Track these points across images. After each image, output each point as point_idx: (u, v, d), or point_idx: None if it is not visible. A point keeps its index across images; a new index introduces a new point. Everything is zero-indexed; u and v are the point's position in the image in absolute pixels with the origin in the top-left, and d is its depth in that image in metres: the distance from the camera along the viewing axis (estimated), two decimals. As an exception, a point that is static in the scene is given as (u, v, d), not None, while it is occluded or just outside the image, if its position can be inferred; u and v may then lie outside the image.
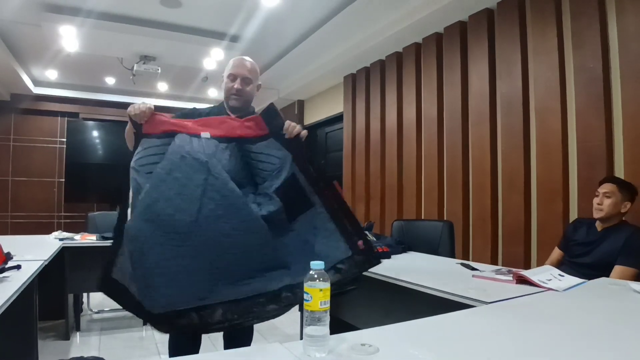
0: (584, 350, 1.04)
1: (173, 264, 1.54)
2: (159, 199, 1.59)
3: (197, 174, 1.61)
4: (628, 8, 2.75)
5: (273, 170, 1.73)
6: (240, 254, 1.58)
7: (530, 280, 1.79)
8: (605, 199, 2.45)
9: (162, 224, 1.57)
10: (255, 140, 1.78)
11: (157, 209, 1.58)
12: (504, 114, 3.52)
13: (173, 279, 1.53)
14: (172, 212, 1.57)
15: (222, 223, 1.58)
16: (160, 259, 1.54)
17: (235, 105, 2.04)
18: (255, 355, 1.00)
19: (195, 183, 1.60)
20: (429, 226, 3.30)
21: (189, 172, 1.61)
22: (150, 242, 1.56)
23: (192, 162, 1.63)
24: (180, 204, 1.58)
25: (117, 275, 1.64)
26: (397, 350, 1.01)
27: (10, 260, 1.99)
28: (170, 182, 1.61)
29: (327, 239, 1.66)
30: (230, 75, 2.04)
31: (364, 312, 2.39)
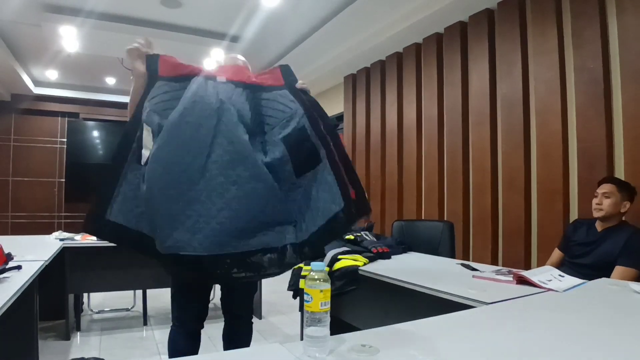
0: (584, 351, 1.04)
1: (181, 208, 1.53)
2: (170, 143, 1.57)
3: (209, 120, 1.59)
4: (628, 8, 2.75)
5: (283, 118, 1.72)
6: (247, 203, 1.56)
7: (531, 280, 1.79)
8: (604, 199, 2.46)
9: (173, 168, 1.56)
10: (270, 88, 1.77)
11: (169, 152, 1.57)
12: (504, 114, 3.52)
13: (181, 223, 1.52)
14: (182, 156, 1.56)
15: (229, 170, 1.56)
16: (169, 202, 1.54)
17: None
18: (256, 356, 1.00)
19: (206, 128, 1.58)
20: (429, 226, 3.30)
21: (201, 117, 1.59)
22: (160, 184, 1.55)
23: (204, 106, 1.61)
24: (190, 148, 1.57)
25: (116, 216, 1.60)
26: (398, 351, 1.01)
27: (11, 261, 2.00)
28: (183, 126, 1.59)
29: (325, 193, 1.63)
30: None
31: (364, 313, 2.39)
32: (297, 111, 1.71)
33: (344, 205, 1.56)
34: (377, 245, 2.70)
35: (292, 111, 1.71)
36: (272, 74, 1.81)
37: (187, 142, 1.58)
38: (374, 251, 2.63)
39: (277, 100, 1.75)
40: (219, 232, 1.52)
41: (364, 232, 2.94)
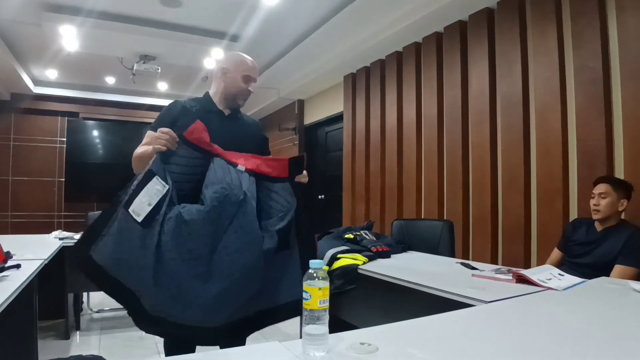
0: (584, 350, 1.04)
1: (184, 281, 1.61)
2: (196, 222, 1.63)
3: (232, 207, 1.68)
4: (628, 8, 2.75)
5: (281, 211, 1.81)
6: (247, 289, 1.69)
7: (530, 279, 1.79)
8: (601, 200, 2.46)
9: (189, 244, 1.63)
10: (275, 179, 1.85)
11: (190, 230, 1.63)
12: (504, 113, 3.52)
13: (185, 292, 1.61)
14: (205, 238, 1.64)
15: (237, 255, 1.65)
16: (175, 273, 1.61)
17: (242, 104, 2.12)
18: (255, 354, 1.00)
19: (227, 215, 1.67)
20: (429, 225, 3.30)
21: (225, 204, 1.67)
22: (170, 255, 1.60)
23: (232, 197, 1.69)
24: (213, 232, 1.65)
25: (97, 254, 1.66)
26: (396, 349, 1.01)
27: (10, 260, 2.00)
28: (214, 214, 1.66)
29: (290, 282, 1.79)
30: (248, 77, 2.08)
31: (364, 312, 2.39)
32: (292, 205, 1.83)
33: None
34: (376, 245, 2.70)
35: (289, 206, 1.82)
36: (280, 164, 1.87)
37: (209, 225, 1.65)
38: (374, 250, 2.63)
39: (278, 193, 1.84)
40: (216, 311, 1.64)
41: (363, 231, 2.94)
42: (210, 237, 1.64)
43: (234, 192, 1.69)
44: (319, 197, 6.72)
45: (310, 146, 7.15)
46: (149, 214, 1.64)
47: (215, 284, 1.62)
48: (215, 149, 1.80)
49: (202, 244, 1.63)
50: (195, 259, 1.62)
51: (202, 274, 1.62)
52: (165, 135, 1.71)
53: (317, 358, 0.94)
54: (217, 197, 1.66)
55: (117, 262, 1.64)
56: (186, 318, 1.61)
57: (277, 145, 7.78)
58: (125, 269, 1.64)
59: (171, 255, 1.60)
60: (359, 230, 2.99)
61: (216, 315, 1.63)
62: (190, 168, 1.76)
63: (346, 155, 5.70)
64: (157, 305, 1.62)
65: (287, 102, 7.36)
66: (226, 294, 1.63)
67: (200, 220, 1.63)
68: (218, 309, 1.63)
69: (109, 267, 1.65)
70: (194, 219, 1.62)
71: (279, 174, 1.86)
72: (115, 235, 1.66)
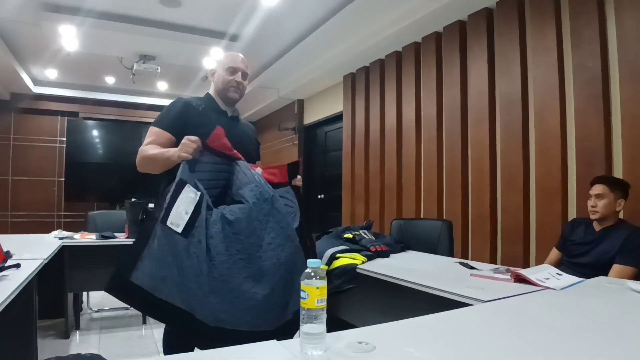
0: (581, 349, 1.04)
1: (237, 284, 1.64)
2: (241, 220, 1.69)
3: (266, 204, 1.76)
4: (627, 8, 2.75)
5: (292, 212, 1.88)
6: (291, 282, 1.72)
7: (528, 279, 1.79)
8: (598, 201, 2.47)
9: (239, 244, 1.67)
10: (277, 185, 1.92)
11: (237, 229, 1.68)
12: (503, 113, 3.52)
13: (235, 298, 1.63)
14: (252, 237, 1.69)
15: (279, 251, 1.72)
16: (230, 277, 1.64)
17: (235, 97, 2.10)
18: (253, 353, 1.00)
19: (264, 212, 1.74)
20: (428, 225, 3.31)
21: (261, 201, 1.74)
22: (221, 258, 1.64)
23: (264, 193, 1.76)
24: (258, 231, 1.71)
25: (140, 279, 1.62)
26: (394, 348, 1.02)
27: (10, 259, 2.00)
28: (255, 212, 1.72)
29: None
30: (231, 68, 2.08)
31: (363, 311, 2.39)
32: (297, 207, 1.93)
33: None
34: (375, 244, 2.70)
35: (296, 207, 1.92)
36: (280, 171, 1.96)
37: (253, 222, 1.71)
38: (373, 250, 2.63)
39: (284, 197, 1.91)
40: (269, 310, 1.68)
41: (362, 231, 2.94)
42: (255, 235, 1.69)
43: (265, 189, 1.77)
44: (318, 197, 6.73)
45: (310, 146, 7.15)
46: (188, 222, 1.64)
47: (265, 283, 1.67)
48: (235, 153, 1.85)
49: (249, 243, 1.68)
50: (245, 259, 1.66)
51: (253, 274, 1.66)
52: (192, 143, 1.74)
53: (314, 357, 0.94)
54: (253, 194, 1.73)
55: (163, 281, 1.61)
56: (243, 323, 1.62)
57: (277, 145, 7.79)
58: (172, 286, 1.61)
59: (222, 258, 1.63)
60: (358, 229, 3.00)
61: (267, 317, 1.66)
62: (215, 174, 1.81)
63: (345, 155, 5.71)
64: (216, 314, 1.60)
65: (287, 102, 7.37)
66: (274, 293, 1.68)
67: (245, 218, 1.69)
68: (268, 310, 1.66)
69: (155, 288, 1.61)
70: (239, 218, 1.68)
71: (280, 180, 1.94)
72: (156, 254, 1.64)
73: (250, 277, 1.65)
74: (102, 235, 3.48)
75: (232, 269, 1.63)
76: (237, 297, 1.62)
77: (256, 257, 1.68)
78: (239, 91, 2.10)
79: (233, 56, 2.13)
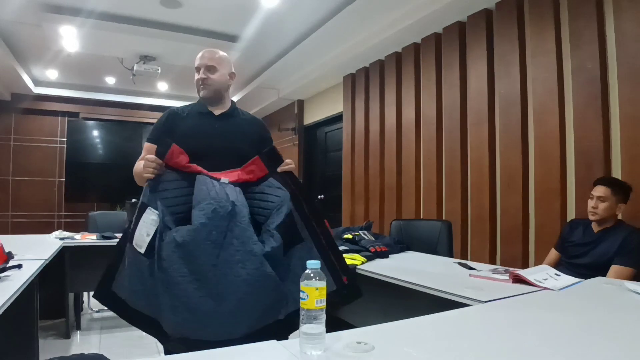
0: (579, 349, 1.05)
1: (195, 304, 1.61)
2: (188, 243, 1.64)
3: (222, 221, 1.67)
4: (625, 9, 2.76)
5: (274, 208, 1.79)
6: (256, 299, 1.65)
7: (527, 279, 1.80)
8: (599, 203, 2.46)
9: (188, 266, 1.63)
10: (257, 182, 1.86)
11: (185, 252, 1.64)
12: (503, 114, 3.53)
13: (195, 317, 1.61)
14: (202, 259, 1.63)
15: (239, 268, 1.63)
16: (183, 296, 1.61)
17: (206, 95, 2.04)
18: (252, 353, 1.02)
19: (220, 230, 1.66)
20: (427, 226, 3.32)
21: (215, 219, 1.66)
22: (174, 279, 1.62)
23: (220, 209, 1.68)
24: (209, 251, 1.64)
25: (118, 289, 1.73)
26: (393, 348, 1.03)
27: (12, 260, 2.01)
28: (204, 233, 1.65)
29: None
30: (196, 68, 2.06)
31: (362, 311, 2.40)
32: (285, 197, 1.80)
33: (336, 289, 1.70)
34: (375, 245, 2.72)
35: (280, 199, 1.79)
36: (256, 165, 1.87)
37: (201, 243, 1.64)
38: (372, 250, 2.64)
39: (264, 192, 1.83)
40: (232, 324, 1.62)
41: (362, 231, 2.96)
42: (207, 256, 1.63)
43: (221, 205, 1.68)
44: (318, 197, 6.74)
45: (310, 146, 7.16)
46: (150, 244, 1.68)
47: (227, 301, 1.62)
48: (194, 168, 1.81)
49: (200, 264, 1.62)
50: (200, 280, 1.62)
51: (211, 293, 1.61)
52: (152, 163, 1.75)
53: (314, 357, 0.95)
54: (203, 214, 1.66)
55: (134, 294, 1.70)
56: (209, 335, 1.60)
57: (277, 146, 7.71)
58: (142, 299, 1.69)
59: (177, 280, 1.61)
60: (358, 230, 3.01)
61: (236, 327, 1.62)
62: (181, 190, 1.79)
63: (345, 155, 5.72)
64: (178, 328, 1.63)
65: (287, 102, 7.38)
66: (241, 308, 1.62)
67: (191, 241, 1.63)
68: (237, 322, 1.62)
69: (129, 299, 1.70)
70: (186, 241, 1.63)
71: (258, 175, 1.87)
72: (128, 269, 1.72)
73: (208, 296, 1.61)
74: (103, 235, 3.49)
75: (187, 290, 1.60)
76: (202, 312, 1.60)
77: (211, 277, 1.62)
78: (207, 87, 2.03)
79: (198, 55, 2.08)
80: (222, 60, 2.07)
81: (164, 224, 1.69)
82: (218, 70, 2.04)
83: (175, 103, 7.63)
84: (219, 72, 2.05)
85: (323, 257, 1.73)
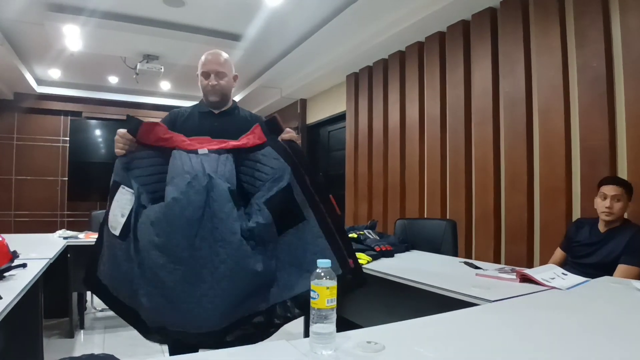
0: (588, 348, 1.05)
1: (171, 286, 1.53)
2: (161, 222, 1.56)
3: (198, 195, 1.57)
4: (631, 7, 2.75)
5: (266, 180, 1.66)
6: (235, 280, 1.53)
7: (534, 278, 1.79)
8: (615, 203, 2.41)
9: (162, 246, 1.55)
10: (252, 149, 1.72)
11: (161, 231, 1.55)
12: (507, 113, 3.52)
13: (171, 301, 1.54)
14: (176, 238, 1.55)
15: (218, 247, 1.54)
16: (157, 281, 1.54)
17: (215, 100, 2.05)
18: (262, 353, 1.01)
19: (196, 205, 1.56)
20: (431, 225, 3.31)
21: (190, 195, 1.57)
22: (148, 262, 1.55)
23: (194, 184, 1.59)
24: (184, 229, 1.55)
25: (101, 275, 1.69)
26: (403, 347, 1.02)
27: (16, 259, 2.00)
28: (173, 205, 1.57)
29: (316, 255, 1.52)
30: (204, 73, 2.05)
31: (367, 311, 2.40)
32: (282, 169, 1.66)
33: (341, 273, 1.54)
34: (380, 244, 2.71)
35: (274, 171, 1.66)
36: (254, 133, 1.75)
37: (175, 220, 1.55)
38: (377, 249, 2.64)
39: (259, 162, 1.70)
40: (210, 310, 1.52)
41: (366, 231, 2.95)
42: (182, 234, 1.53)
43: (196, 178, 1.59)
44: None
45: (313, 145, 7.15)
46: (125, 225, 1.61)
47: (204, 284, 1.52)
48: (173, 140, 1.73)
49: (175, 244, 1.53)
50: (175, 261, 1.52)
51: (187, 276, 1.52)
52: (121, 138, 1.70)
53: (324, 356, 0.94)
54: (176, 188, 1.58)
55: (115, 279, 1.65)
56: (186, 325, 1.54)
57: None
58: (120, 285, 1.64)
59: (150, 264, 1.54)
60: (363, 229, 3.00)
61: (212, 315, 1.52)
62: (156, 167, 1.72)
63: (349, 154, 5.71)
64: (154, 317, 1.58)
65: (290, 101, 7.37)
66: (218, 293, 1.52)
67: (164, 218, 1.55)
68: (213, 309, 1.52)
69: (111, 286, 1.66)
70: (159, 218, 1.55)
71: (255, 143, 1.73)
72: (106, 254, 1.67)
73: (182, 279, 1.51)
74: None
75: (162, 273, 1.51)
76: (178, 298, 1.52)
77: (187, 258, 1.52)
78: (216, 92, 2.03)
79: (206, 58, 2.06)
80: (229, 65, 2.10)
81: (139, 203, 1.62)
82: (227, 75, 2.07)
83: (178, 102, 7.64)
84: (227, 77, 2.07)
85: (328, 237, 1.59)
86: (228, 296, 1.53)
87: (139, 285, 1.57)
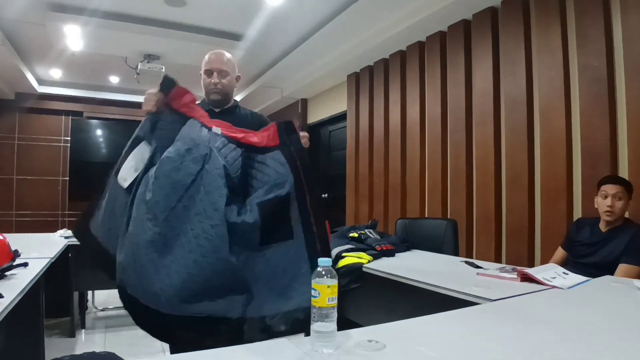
0: (588, 348, 1.05)
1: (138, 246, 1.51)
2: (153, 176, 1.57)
3: (193, 163, 1.56)
4: (632, 7, 2.74)
5: (267, 183, 1.62)
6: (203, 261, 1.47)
7: (535, 278, 1.79)
8: (616, 202, 2.41)
9: (147, 201, 1.54)
10: (264, 149, 1.70)
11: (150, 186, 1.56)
12: (508, 112, 3.52)
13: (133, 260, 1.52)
14: (158, 195, 1.53)
15: (196, 221, 1.50)
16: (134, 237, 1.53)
17: (217, 99, 2.06)
18: (264, 351, 1.01)
19: (187, 171, 1.55)
20: (432, 224, 3.31)
21: (185, 158, 1.57)
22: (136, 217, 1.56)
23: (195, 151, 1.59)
24: (167, 189, 1.53)
25: (94, 227, 1.70)
26: (404, 346, 1.02)
27: (18, 258, 2.01)
28: (167, 165, 1.57)
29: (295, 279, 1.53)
30: (207, 71, 2.06)
31: (368, 310, 2.40)
32: (286, 177, 1.61)
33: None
34: (381, 243, 2.71)
35: (278, 176, 1.62)
36: (269, 132, 1.72)
37: (162, 177, 1.55)
38: (378, 249, 2.64)
39: (265, 164, 1.67)
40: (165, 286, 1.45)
41: (367, 230, 2.95)
42: (165, 195, 1.51)
43: (198, 148, 1.59)
44: (322, 196, 6.73)
45: (314, 145, 7.15)
46: (135, 179, 1.63)
47: (170, 255, 1.47)
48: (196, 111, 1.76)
49: (155, 200, 1.50)
50: (152, 219, 1.49)
51: (156, 241, 1.48)
52: (153, 95, 1.75)
53: (325, 355, 0.95)
54: (174, 149, 1.59)
55: (108, 232, 1.64)
56: (139, 292, 1.47)
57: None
58: (115, 238, 1.61)
59: (137, 219, 1.52)
60: (363, 229, 3.00)
61: (168, 295, 1.44)
62: (175, 132, 1.73)
63: (349, 154, 5.71)
64: (120, 274, 1.55)
65: (291, 101, 7.37)
66: (181, 269, 1.45)
67: (154, 174, 1.55)
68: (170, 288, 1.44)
69: (102, 238, 1.66)
70: (155, 174, 1.56)
71: (267, 144, 1.70)
72: (106, 205, 1.67)
73: (151, 243, 1.47)
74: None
75: (137, 228, 1.49)
76: (135, 261, 1.47)
77: (163, 223, 1.48)
78: (218, 91, 2.04)
79: (209, 57, 2.08)
80: (232, 64, 2.10)
81: (152, 162, 1.63)
82: (229, 75, 2.07)
83: (179, 102, 7.61)
84: (230, 76, 2.08)
85: (312, 263, 1.52)
86: (189, 278, 1.45)
87: (121, 241, 1.58)
